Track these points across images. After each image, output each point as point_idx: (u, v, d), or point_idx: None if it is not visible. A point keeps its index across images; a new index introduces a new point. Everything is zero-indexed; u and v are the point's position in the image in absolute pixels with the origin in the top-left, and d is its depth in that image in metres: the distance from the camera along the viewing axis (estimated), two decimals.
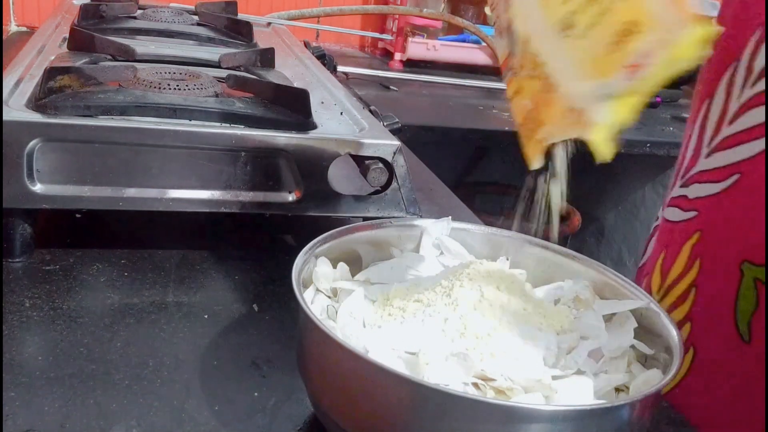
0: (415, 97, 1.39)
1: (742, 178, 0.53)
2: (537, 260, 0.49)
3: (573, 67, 0.36)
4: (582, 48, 0.35)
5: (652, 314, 0.43)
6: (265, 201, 0.60)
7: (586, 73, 0.35)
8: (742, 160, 0.52)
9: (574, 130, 0.38)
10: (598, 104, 0.36)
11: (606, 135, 0.36)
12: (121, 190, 0.56)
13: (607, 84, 0.35)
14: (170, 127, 0.57)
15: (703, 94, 0.58)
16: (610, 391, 0.40)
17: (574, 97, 0.36)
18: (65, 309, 0.51)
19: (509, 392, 0.37)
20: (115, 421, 0.41)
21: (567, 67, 0.36)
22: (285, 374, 0.47)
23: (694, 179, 0.57)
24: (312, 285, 0.45)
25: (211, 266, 0.60)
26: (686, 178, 0.59)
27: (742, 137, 0.53)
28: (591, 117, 0.36)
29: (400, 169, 0.63)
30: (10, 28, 1.41)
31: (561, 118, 0.38)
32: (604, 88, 0.35)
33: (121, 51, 0.74)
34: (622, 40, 0.34)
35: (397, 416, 0.35)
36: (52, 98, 0.56)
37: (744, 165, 0.52)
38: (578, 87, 0.36)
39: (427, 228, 0.50)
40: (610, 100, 0.35)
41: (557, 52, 0.36)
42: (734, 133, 0.53)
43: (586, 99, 0.36)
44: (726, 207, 0.54)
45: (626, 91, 0.35)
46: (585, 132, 0.37)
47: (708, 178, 0.56)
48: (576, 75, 0.36)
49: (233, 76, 0.70)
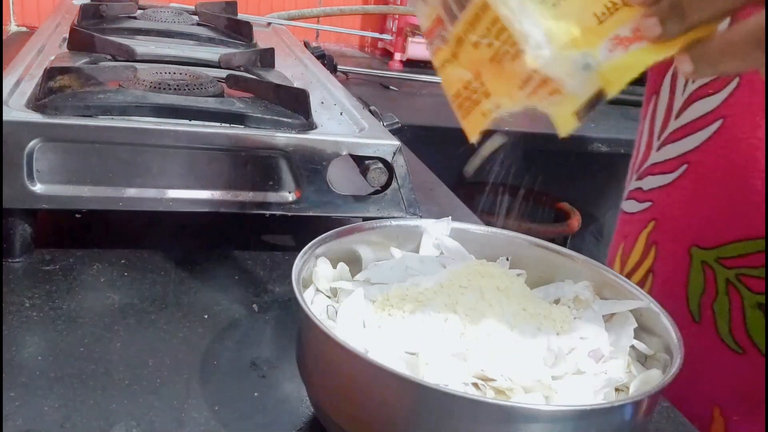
0: (415, 97, 1.39)
1: (689, 168, 0.56)
2: (537, 260, 0.49)
3: (548, 35, 0.34)
4: (563, 15, 0.33)
5: (652, 314, 0.43)
6: (265, 201, 0.60)
7: (564, 44, 0.33)
8: (689, 151, 0.56)
9: (531, 101, 0.36)
10: (574, 75, 0.34)
11: (573, 108, 0.35)
12: (121, 190, 0.56)
13: (590, 54, 0.33)
14: (170, 127, 0.57)
15: (651, 91, 0.61)
16: (610, 391, 0.40)
17: (546, 66, 0.34)
18: (65, 309, 0.51)
19: (509, 392, 0.37)
20: (115, 421, 0.41)
21: (539, 34, 0.34)
22: (285, 374, 0.47)
23: (648, 172, 0.61)
24: (312, 285, 0.45)
25: (211, 266, 0.60)
26: (641, 171, 0.62)
27: (688, 129, 0.56)
28: (563, 88, 0.34)
29: (400, 169, 0.63)
30: (10, 28, 1.41)
31: (515, 89, 0.36)
32: (586, 58, 0.34)
33: (121, 51, 0.74)
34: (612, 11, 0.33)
35: (397, 416, 0.35)
36: (52, 98, 0.56)
37: (690, 156, 0.55)
38: (554, 55, 0.34)
39: (427, 228, 0.50)
40: (589, 71, 0.34)
41: (527, 17, 0.34)
42: (680, 126, 0.57)
43: (560, 68, 0.34)
44: (676, 196, 0.57)
45: (610, 64, 0.34)
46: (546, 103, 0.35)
47: (660, 170, 0.59)
48: (552, 42, 0.34)
49: (233, 76, 0.70)
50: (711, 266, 0.54)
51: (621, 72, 0.34)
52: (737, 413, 0.55)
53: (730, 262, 0.53)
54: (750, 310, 0.53)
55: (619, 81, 0.34)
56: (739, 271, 0.53)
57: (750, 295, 0.52)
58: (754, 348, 0.53)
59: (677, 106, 0.57)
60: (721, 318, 0.54)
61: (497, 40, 0.35)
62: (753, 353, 0.53)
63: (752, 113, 0.51)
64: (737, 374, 0.54)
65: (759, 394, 0.53)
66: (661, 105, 0.60)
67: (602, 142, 1.39)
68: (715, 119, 0.54)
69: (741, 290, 0.53)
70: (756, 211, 0.51)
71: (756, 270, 0.52)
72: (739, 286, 0.53)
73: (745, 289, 0.53)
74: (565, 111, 0.35)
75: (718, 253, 0.54)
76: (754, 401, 0.54)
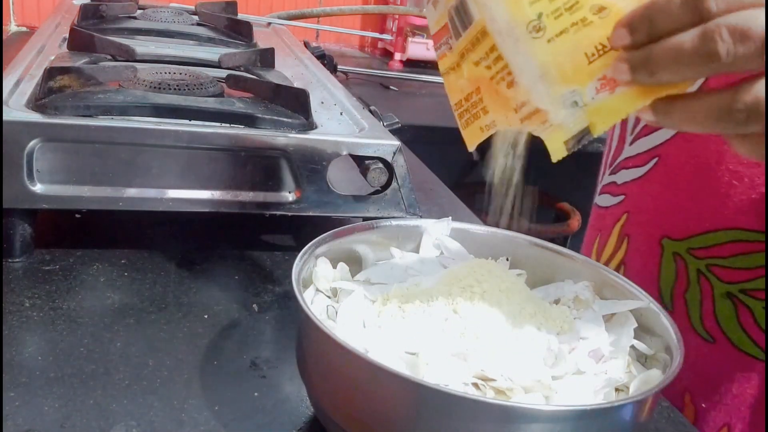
0: (415, 97, 1.39)
1: (659, 161, 0.57)
2: (537, 260, 0.49)
3: (541, 69, 0.35)
4: (556, 52, 0.34)
5: (652, 314, 0.43)
6: (265, 201, 0.60)
7: (553, 79, 0.35)
8: (659, 145, 0.57)
9: (524, 125, 0.37)
10: (563, 110, 0.35)
11: (563, 138, 0.36)
12: (121, 190, 0.56)
13: (578, 92, 0.35)
14: (170, 127, 0.57)
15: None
16: (610, 391, 0.40)
17: (537, 98, 0.36)
18: (65, 309, 0.51)
19: (509, 392, 0.37)
20: (115, 421, 0.41)
21: (532, 67, 0.35)
22: (285, 374, 0.47)
23: (621, 166, 0.62)
24: (312, 285, 0.45)
25: (211, 266, 0.60)
26: (614, 166, 0.63)
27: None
28: (553, 119, 0.36)
29: (400, 169, 0.63)
30: (10, 28, 1.41)
31: (511, 112, 0.37)
32: (574, 96, 0.35)
33: (121, 51, 0.74)
34: (601, 52, 0.34)
35: (398, 416, 0.35)
36: (52, 98, 0.56)
37: (661, 149, 0.57)
38: (543, 91, 0.35)
39: (428, 228, 0.50)
40: (576, 109, 0.35)
41: (521, 50, 0.35)
42: None
43: (550, 101, 0.35)
44: (648, 189, 0.59)
45: (596, 105, 0.35)
46: (539, 130, 0.37)
47: (633, 163, 0.60)
48: (542, 76, 0.35)
49: (233, 76, 0.70)
50: (682, 257, 0.55)
51: (606, 114, 0.35)
52: (706, 401, 0.56)
53: (701, 253, 0.54)
54: (719, 299, 0.54)
55: (604, 122, 0.35)
56: (709, 262, 0.54)
57: (720, 284, 0.54)
58: (724, 337, 0.54)
59: None
60: (692, 307, 0.55)
61: (494, 65, 0.36)
62: (723, 342, 0.54)
63: None
64: (708, 363, 0.55)
65: (728, 383, 0.55)
66: None
67: (602, 142, 1.39)
68: None
69: (711, 280, 0.54)
70: (723, 202, 0.53)
71: (725, 260, 0.53)
72: (709, 275, 0.54)
73: (715, 278, 0.54)
74: (556, 139, 0.36)
75: (688, 243, 0.55)
76: (722, 390, 0.55)
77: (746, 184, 0.52)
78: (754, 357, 0.54)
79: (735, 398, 0.55)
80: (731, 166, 0.52)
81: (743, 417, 0.55)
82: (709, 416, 0.56)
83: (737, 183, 0.52)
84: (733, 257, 0.53)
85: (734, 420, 0.55)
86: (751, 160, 0.50)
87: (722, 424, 0.56)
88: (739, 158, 0.52)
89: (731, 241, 0.53)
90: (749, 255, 0.52)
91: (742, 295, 0.53)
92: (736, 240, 0.52)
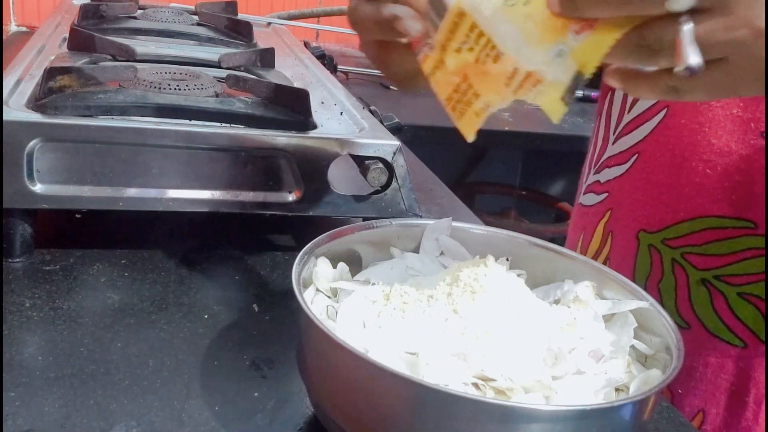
0: (415, 97, 1.39)
1: (639, 157, 0.59)
2: (537, 260, 0.49)
3: (522, 35, 0.36)
4: (533, 14, 0.36)
5: (652, 314, 0.43)
6: (265, 201, 0.60)
7: (537, 38, 0.36)
8: (639, 141, 0.59)
9: (519, 95, 0.38)
10: (552, 64, 0.36)
11: (559, 94, 0.37)
12: (121, 190, 0.56)
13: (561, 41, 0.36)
14: (170, 127, 0.57)
15: (607, 88, 0.65)
16: (610, 391, 0.40)
17: (525, 61, 0.37)
18: (65, 309, 0.51)
19: (509, 392, 0.37)
20: (115, 421, 0.41)
21: (515, 35, 0.36)
22: (285, 374, 0.47)
23: (604, 164, 0.64)
24: (312, 285, 0.45)
25: (211, 266, 0.60)
26: (598, 165, 0.65)
27: (638, 121, 0.59)
28: (545, 77, 0.37)
29: (400, 169, 0.63)
30: (10, 28, 1.41)
31: (502, 86, 0.38)
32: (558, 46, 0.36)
33: (122, 51, 0.74)
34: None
35: (398, 416, 0.35)
36: (52, 98, 0.56)
37: (640, 145, 0.59)
38: (531, 53, 0.36)
39: (428, 228, 0.50)
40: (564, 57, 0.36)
41: (501, 19, 0.36)
42: (632, 118, 0.60)
43: (540, 61, 0.37)
44: (628, 185, 0.61)
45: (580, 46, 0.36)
46: (533, 94, 0.38)
47: (615, 162, 0.62)
48: (526, 41, 0.36)
49: (233, 76, 0.70)
50: (657, 248, 0.57)
51: (591, 51, 0.36)
52: (682, 387, 0.57)
53: (675, 242, 0.56)
54: (695, 286, 0.55)
55: (592, 59, 0.36)
56: (684, 250, 0.56)
57: (695, 271, 0.55)
58: (699, 323, 0.56)
59: (630, 100, 0.61)
60: (667, 296, 0.57)
61: (477, 44, 0.38)
62: (698, 328, 0.56)
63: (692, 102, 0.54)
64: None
65: (703, 369, 0.56)
66: (616, 101, 0.64)
67: None
68: (661, 109, 0.57)
69: (686, 267, 0.56)
70: (697, 192, 0.55)
71: (699, 248, 0.55)
72: (684, 263, 0.56)
73: (690, 266, 0.55)
74: (552, 98, 0.37)
75: (663, 235, 0.57)
76: (697, 376, 0.57)
77: (719, 172, 0.54)
78: (728, 343, 0.55)
79: (710, 384, 0.56)
80: (705, 156, 0.54)
81: (718, 402, 0.56)
82: (685, 401, 0.58)
83: (710, 171, 0.54)
84: (707, 244, 0.54)
85: (709, 405, 0.56)
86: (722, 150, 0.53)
87: (697, 410, 0.57)
88: (713, 148, 0.54)
89: (705, 229, 0.54)
90: (723, 241, 0.54)
91: (716, 281, 0.54)
92: (710, 227, 0.54)
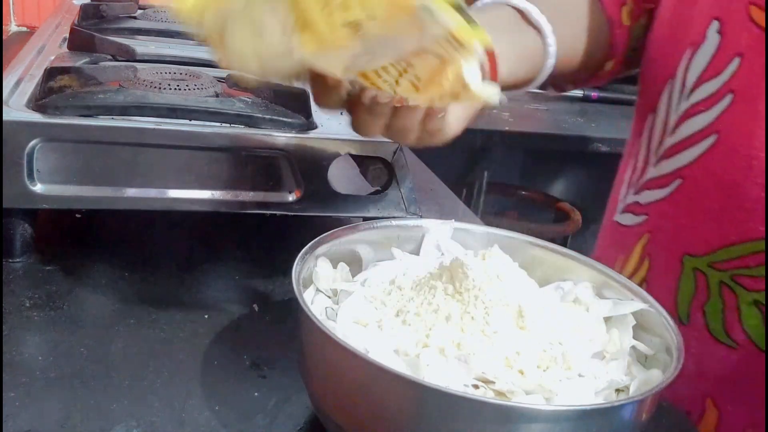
0: None
1: (684, 182, 0.58)
2: (537, 260, 0.49)
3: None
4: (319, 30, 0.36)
5: (652, 315, 0.43)
6: (265, 201, 0.60)
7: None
8: (684, 166, 0.58)
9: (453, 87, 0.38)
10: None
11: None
12: (122, 190, 0.56)
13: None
14: (170, 127, 0.57)
15: (647, 108, 0.64)
16: (610, 391, 0.40)
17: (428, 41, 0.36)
18: (65, 309, 0.51)
19: (509, 394, 0.37)
20: (115, 421, 0.41)
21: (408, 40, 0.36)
22: (285, 374, 0.47)
23: (645, 186, 0.63)
24: (312, 285, 0.45)
25: (211, 266, 0.60)
26: (638, 185, 0.64)
27: (683, 145, 0.58)
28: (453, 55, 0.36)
29: (400, 169, 0.63)
30: (10, 28, 1.41)
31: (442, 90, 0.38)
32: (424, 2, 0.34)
33: (122, 51, 0.74)
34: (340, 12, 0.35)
35: (398, 417, 0.35)
36: (52, 98, 0.56)
37: (686, 170, 0.58)
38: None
39: (430, 229, 0.50)
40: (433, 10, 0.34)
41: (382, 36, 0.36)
42: (675, 142, 0.59)
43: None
44: (670, 210, 0.60)
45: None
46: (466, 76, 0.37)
47: (656, 185, 0.61)
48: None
49: (233, 76, 0.70)
50: (703, 271, 0.57)
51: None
52: (731, 403, 0.57)
53: (724, 265, 0.56)
54: (745, 307, 0.55)
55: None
56: (734, 272, 0.55)
57: (745, 293, 0.55)
58: (750, 342, 0.55)
59: (672, 123, 0.60)
60: (713, 318, 0.57)
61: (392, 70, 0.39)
62: (747, 346, 0.56)
63: (747, 126, 0.54)
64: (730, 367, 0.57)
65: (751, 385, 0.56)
66: (658, 122, 0.62)
67: (602, 142, 1.39)
68: (710, 134, 0.56)
69: (736, 290, 0.55)
70: (749, 216, 0.54)
71: (751, 270, 0.54)
72: (734, 285, 0.55)
73: (741, 288, 0.55)
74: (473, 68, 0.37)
75: (710, 258, 0.56)
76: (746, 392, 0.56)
77: None
78: None
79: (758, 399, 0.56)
80: (759, 180, 0.53)
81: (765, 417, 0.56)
82: (734, 418, 0.57)
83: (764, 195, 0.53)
84: (759, 266, 0.54)
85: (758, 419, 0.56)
86: None
87: (746, 425, 0.57)
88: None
89: (757, 252, 0.54)
90: None
91: None
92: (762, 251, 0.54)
